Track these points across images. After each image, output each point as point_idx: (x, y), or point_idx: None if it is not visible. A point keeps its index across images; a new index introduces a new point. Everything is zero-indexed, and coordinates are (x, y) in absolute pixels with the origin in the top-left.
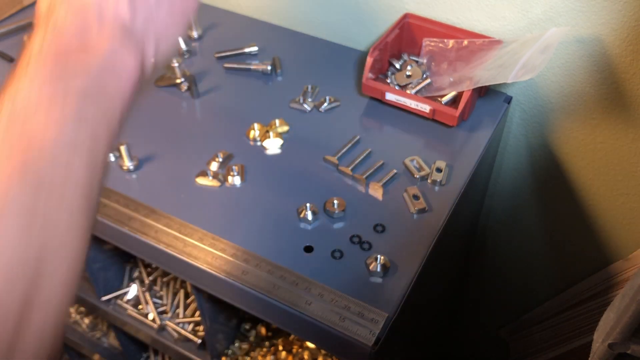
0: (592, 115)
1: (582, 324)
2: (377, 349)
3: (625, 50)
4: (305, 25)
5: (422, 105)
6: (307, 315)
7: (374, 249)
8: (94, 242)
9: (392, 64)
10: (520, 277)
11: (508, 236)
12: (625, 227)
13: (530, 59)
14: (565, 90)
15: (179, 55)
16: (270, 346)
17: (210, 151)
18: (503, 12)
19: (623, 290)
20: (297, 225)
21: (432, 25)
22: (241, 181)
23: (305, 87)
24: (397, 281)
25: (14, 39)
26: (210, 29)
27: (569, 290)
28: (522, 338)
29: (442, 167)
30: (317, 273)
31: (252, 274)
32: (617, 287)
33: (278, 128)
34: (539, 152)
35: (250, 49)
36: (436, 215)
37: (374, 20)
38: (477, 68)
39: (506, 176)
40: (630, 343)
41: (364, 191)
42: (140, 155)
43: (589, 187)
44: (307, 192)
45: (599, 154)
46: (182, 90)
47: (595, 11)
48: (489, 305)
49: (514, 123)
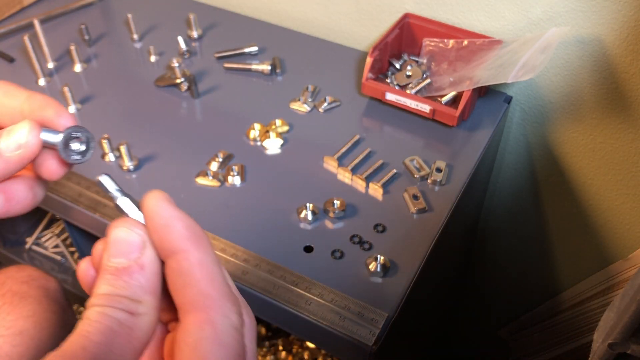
0: (592, 115)
1: (582, 324)
2: (377, 349)
3: (625, 50)
4: (305, 25)
5: (422, 105)
6: (307, 315)
7: (374, 249)
8: (94, 242)
9: (392, 64)
10: (520, 277)
11: (508, 236)
12: (625, 227)
13: (530, 59)
14: (565, 90)
15: (179, 55)
16: (270, 346)
17: (210, 151)
18: (503, 12)
19: (623, 290)
20: (297, 225)
21: (432, 25)
22: (241, 181)
23: (305, 87)
24: (397, 281)
25: (14, 39)
26: (210, 29)
27: (569, 290)
28: (522, 338)
29: (442, 167)
30: (317, 273)
31: (252, 274)
32: (617, 287)
33: (278, 128)
34: (539, 152)
35: (250, 49)
36: (436, 215)
37: (374, 20)
38: (477, 68)
39: (506, 176)
40: (630, 343)
41: (364, 191)
42: (140, 155)
43: (589, 187)
44: (307, 192)
45: (599, 154)
46: (182, 90)
47: (595, 11)
48: (489, 305)
49: (514, 123)
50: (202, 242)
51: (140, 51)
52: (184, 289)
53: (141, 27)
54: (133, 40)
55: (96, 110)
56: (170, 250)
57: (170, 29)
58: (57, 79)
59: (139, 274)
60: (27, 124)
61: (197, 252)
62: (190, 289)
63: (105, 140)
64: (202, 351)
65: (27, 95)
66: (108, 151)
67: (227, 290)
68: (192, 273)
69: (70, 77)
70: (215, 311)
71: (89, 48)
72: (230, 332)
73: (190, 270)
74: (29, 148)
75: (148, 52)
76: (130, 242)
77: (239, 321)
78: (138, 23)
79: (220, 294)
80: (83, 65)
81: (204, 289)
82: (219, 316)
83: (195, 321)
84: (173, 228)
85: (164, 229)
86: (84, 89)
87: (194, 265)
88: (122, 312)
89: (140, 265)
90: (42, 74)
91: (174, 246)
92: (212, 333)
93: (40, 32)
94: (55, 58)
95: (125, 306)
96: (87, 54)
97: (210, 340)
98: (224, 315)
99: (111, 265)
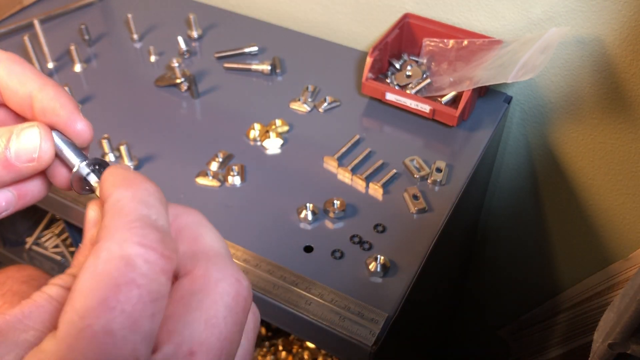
0: (592, 115)
1: (582, 324)
2: (377, 349)
3: (625, 50)
4: (305, 25)
5: (422, 105)
6: (307, 315)
7: (374, 249)
8: None
9: (392, 64)
10: (520, 276)
11: (508, 236)
12: (625, 227)
13: (530, 59)
14: (565, 90)
15: (179, 55)
16: (270, 346)
17: (210, 151)
18: (503, 12)
19: (623, 290)
20: (297, 225)
21: (432, 25)
22: (241, 181)
23: (305, 87)
24: (397, 281)
25: (14, 39)
26: (210, 29)
27: (569, 290)
28: (522, 338)
29: (442, 167)
30: (317, 273)
31: (252, 274)
32: (617, 287)
33: (278, 128)
34: (539, 152)
35: (250, 49)
36: (436, 215)
37: (374, 20)
38: (477, 68)
39: (506, 176)
40: (630, 343)
41: (364, 191)
42: (140, 155)
43: (589, 187)
44: (307, 192)
45: (599, 154)
46: (182, 90)
47: (595, 11)
48: (489, 305)
49: (514, 123)
50: (130, 182)
51: (140, 51)
52: (94, 230)
53: (141, 27)
54: (133, 40)
55: (96, 110)
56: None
57: (170, 29)
58: (57, 79)
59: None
60: (37, 132)
61: (116, 193)
62: (97, 228)
63: (105, 140)
64: (77, 285)
65: (40, 85)
66: (108, 151)
67: (132, 221)
68: (105, 213)
69: (70, 77)
70: (103, 240)
71: (89, 48)
72: (115, 264)
73: (105, 210)
74: (42, 162)
75: (148, 52)
76: (91, 220)
77: (142, 253)
78: (138, 23)
79: (119, 224)
80: (83, 65)
81: (105, 222)
82: (105, 244)
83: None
84: (104, 182)
85: (108, 185)
86: (84, 89)
87: (107, 205)
88: (60, 288)
89: (88, 244)
90: None
91: (103, 195)
92: (92, 262)
93: (40, 32)
94: (55, 58)
95: (65, 282)
96: (87, 54)
97: (88, 271)
98: (112, 244)
99: (79, 245)
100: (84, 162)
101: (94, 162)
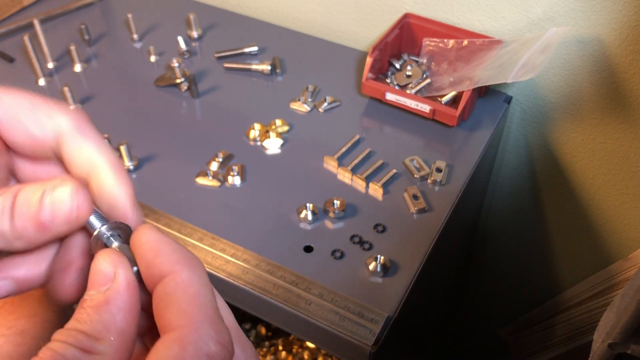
0: (592, 115)
1: (582, 324)
2: (377, 349)
3: (625, 50)
4: (305, 25)
5: (422, 105)
6: (307, 315)
7: (374, 249)
8: None
9: (392, 64)
10: (520, 276)
11: (508, 236)
12: (625, 227)
13: (530, 59)
14: (565, 90)
15: (179, 55)
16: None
17: (210, 151)
18: (503, 12)
19: (623, 290)
20: (297, 225)
21: (432, 25)
22: (241, 181)
23: (305, 87)
24: (397, 281)
25: (14, 39)
26: (210, 29)
27: (569, 290)
28: (522, 338)
29: (442, 167)
30: (317, 273)
31: (252, 273)
32: (617, 287)
33: (278, 128)
34: (539, 152)
35: (250, 49)
36: (436, 215)
37: (374, 20)
38: (477, 68)
39: (506, 176)
40: (630, 343)
41: (364, 191)
42: (140, 155)
43: (588, 187)
44: (307, 192)
45: (599, 154)
46: (182, 90)
47: (595, 11)
48: (489, 305)
49: (513, 123)
50: (192, 263)
51: (140, 51)
52: (165, 310)
53: (141, 27)
54: (133, 40)
55: (96, 110)
56: (159, 276)
57: (170, 29)
58: (57, 79)
59: (104, 309)
60: (73, 198)
61: (185, 272)
62: (170, 308)
63: (105, 140)
64: None
65: (69, 131)
66: None
67: (211, 314)
68: (176, 293)
69: (70, 77)
70: (189, 330)
71: (89, 48)
72: (201, 358)
73: (174, 290)
74: (79, 224)
75: (148, 52)
76: (105, 273)
77: (219, 352)
78: (138, 23)
79: (201, 315)
80: (83, 65)
81: (184, 307)
82: (192, 337)
83: (166, 339)
84: (160, 251)
85: (151, 253)
86: (84, 89)
87: (179, 285)
88: (74, 348)
89: (106, 300)
90: (42, 74)
91: (161, 270)
92: (179, 352)
93: (40, 32)
94: (55, 58)
95: (78, 342)
96: (87, 54)
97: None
98: (199, 338)
99: (84, 297)
100: (105, 226)
101: (113, 226)
